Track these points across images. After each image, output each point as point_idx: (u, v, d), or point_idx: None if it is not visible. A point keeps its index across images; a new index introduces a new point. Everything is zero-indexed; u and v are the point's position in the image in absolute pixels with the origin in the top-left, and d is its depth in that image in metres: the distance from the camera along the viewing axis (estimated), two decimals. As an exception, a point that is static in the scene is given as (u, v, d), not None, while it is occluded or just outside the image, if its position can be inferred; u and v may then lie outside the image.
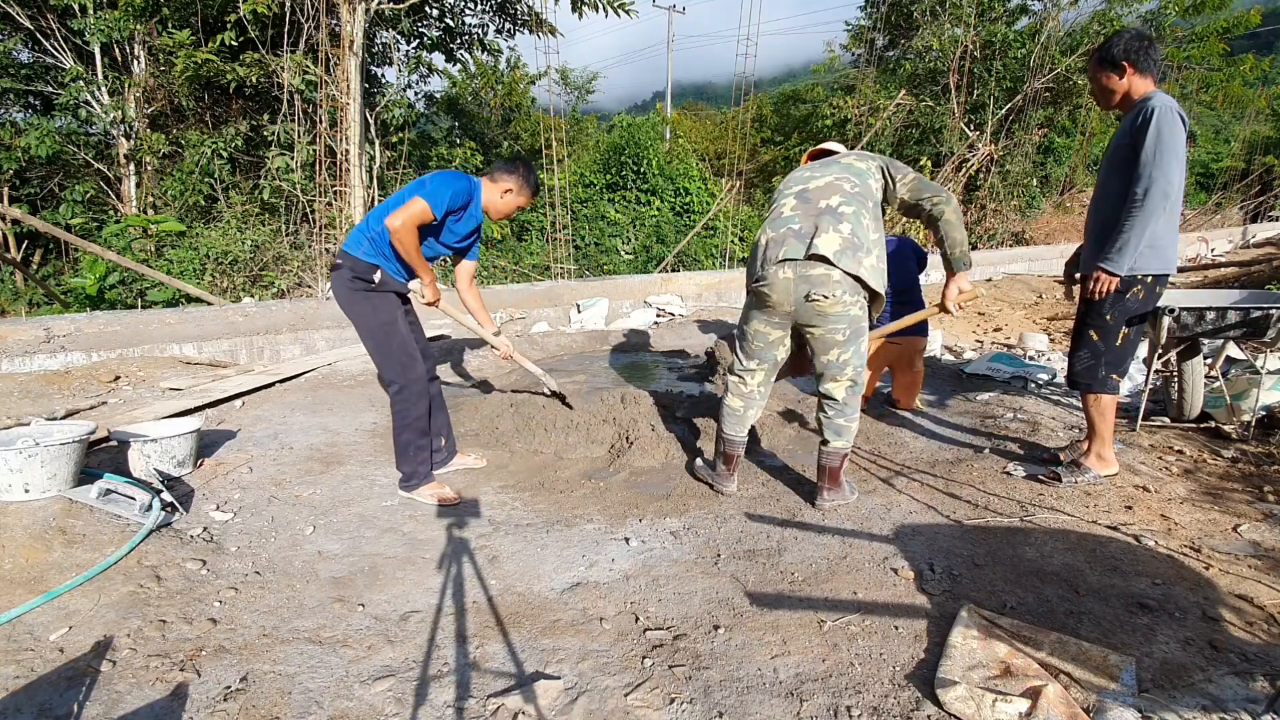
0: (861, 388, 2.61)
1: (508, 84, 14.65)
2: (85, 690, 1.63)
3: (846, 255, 2.35)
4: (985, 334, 6.48)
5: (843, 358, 2.51)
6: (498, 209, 2.83)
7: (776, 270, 2.44)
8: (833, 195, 2.47)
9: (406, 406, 2.77)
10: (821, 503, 2.69)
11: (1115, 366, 2.77)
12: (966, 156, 13.08)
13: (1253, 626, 1.85)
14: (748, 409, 2.76)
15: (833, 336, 2.47)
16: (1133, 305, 2.68)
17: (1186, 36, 14.82)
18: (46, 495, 2.38)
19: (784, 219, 2.50)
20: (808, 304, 2.42)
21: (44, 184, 10.28)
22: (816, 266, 2.37)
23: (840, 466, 2.66)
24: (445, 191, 2.62)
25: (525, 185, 2.80)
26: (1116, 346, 2.74)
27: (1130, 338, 2.76)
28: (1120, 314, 2.69)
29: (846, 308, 2.42)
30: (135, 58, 9.55)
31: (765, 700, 1.61)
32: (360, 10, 8.15)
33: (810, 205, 2.48)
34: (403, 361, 2.75)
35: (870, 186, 2.53)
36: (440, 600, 2.08)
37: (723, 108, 24.75)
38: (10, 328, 4.34)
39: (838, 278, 2.36)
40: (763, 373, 2.72)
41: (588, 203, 12.02)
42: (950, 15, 13.71)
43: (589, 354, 5.38)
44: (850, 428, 2.61)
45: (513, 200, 2.82)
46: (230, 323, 4.98)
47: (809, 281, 2.39)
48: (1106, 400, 2.78)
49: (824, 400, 2.62)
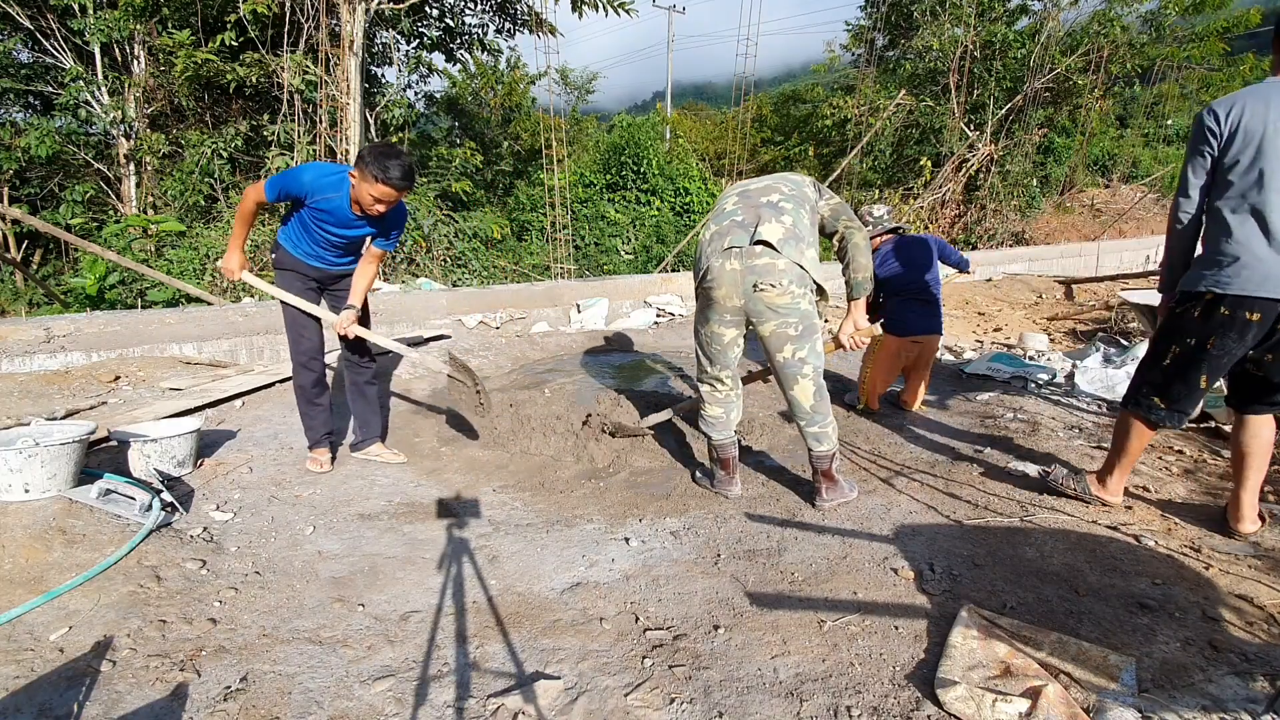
0: (825, 389, 2.60)
1: (508, 84, 14.65)
2: (85, 690, 1.63)
3: (789, 244, 2.41)
4: (985, 334, 6.48)
5: (798, 355, 2.51)
6: (359, 198, 2.74)
7: (722, 262, 2.46)
8: (772, 194, 2.57)
9: (294, 376, 3.08)
10: (821, 503, 2.69)
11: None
12: (966, 156, 13.08)
13: (1253, 626, 1.85)
14: (728, 414, 2.79)
15: (785, 331, 2.47)
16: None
17: (1186, 36, 14.81)
18: (46, 495, 2.38)
19: (726, 213, 2.58)
20: (756, 294, 2.43)
21: (44, 184, 10.29)
22: (762, 255, 2.40)
23: (831, 466, 2.66)
24: (278, 179, 2.82)
25: (365, 171, 2.65)
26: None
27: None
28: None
29: (795, 299, 2.42)
30: (135, 58, 9.55)
31: (765, 700, 1.61)
32: (360, 10, 8.15)
33: (751, 200, 2.56)
34: (291, 336, 3.02)
35: (806, 194, 2.63)
36: (440, 600, 2.08)
37: (723, 108, 24.74)
38: (10, 328, 4.34)
39: (783, 266, 2.39)
40: (730, 375, 2.75)
41: (588, 203, 12.02)
42: (950, 15, 13.70)
43: (589, 354, 5.38)
44: (828, 432, 2.61)
45: (360, 188, 2.70)
46: (230, 323, 4.98)
47: (755, 271, 2.41)
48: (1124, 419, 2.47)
49: (794, 411, 2.62)
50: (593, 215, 11.87)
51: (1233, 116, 2.08)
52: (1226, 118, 2.09)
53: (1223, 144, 2.11)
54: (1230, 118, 2.08)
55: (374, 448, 3.29)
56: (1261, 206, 2.04)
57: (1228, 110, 2.09)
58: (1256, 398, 2.27)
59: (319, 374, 3.09)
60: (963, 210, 13.65)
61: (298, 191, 2.80)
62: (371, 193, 2.68)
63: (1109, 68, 13.85)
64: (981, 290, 8.08)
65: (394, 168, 2.63)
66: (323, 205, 2.82)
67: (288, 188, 2.81)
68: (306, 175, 2.79)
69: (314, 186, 2.78)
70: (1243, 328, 2.11)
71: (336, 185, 2.79)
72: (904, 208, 12.83)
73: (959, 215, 13.62)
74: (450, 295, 6.16)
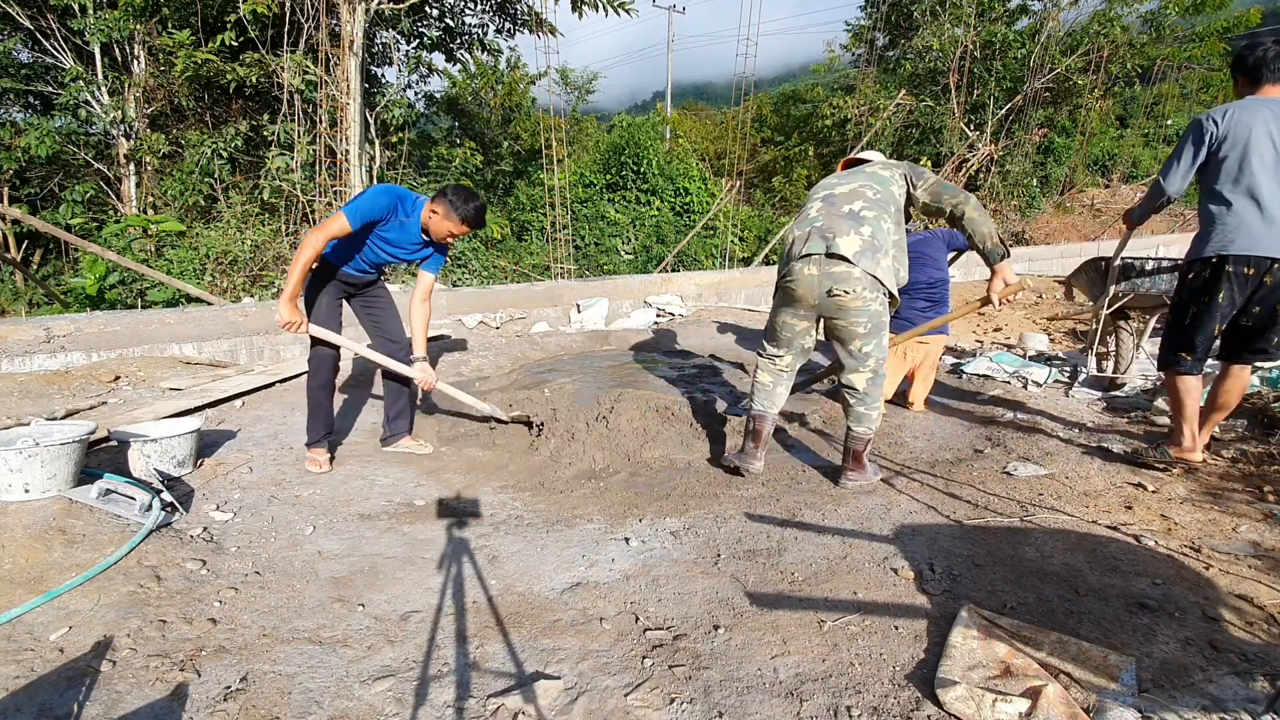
0: (883, 378, 2.79)
1: (508, 84, 14.64)
2: (85, 690, 1.63)
3: (865, 256, 2.58)
4: (985, 334, 6.48)
5: (864, 349, 2.71)
6: (433, 230, 3.01)
7: (802, 266, 2.67)
8: (855, 200, 2.70)
9: (310, 374, 3.13)
10: (845, 483, 2.84)
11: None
12: (966, 156, 13.08)
13: (1253, 626, 1.85)
14: (777, 385, 2.96)
15: (855, 329, 2.68)
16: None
17: (1186, 36, 14.81)
18: (46, 495, 2.38)
19: (809, 219, 2.74)
20: (830, 299, 2.64)
21: (44, 184, 10.29)
22: (839, 264, 2.60)
23: (865, 450, 2.84)
24: (362, 205, 2.87)
25: (452, 212, 2.94)
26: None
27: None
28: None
29: (866, 303, 2.63)
30: (135, 58, 9.55)
31: (765, 700, 1.61)
32: (360, 10, 8.15)
33: (835, 208, 2.70)
34: (318, 349, 3.10)
35: (892, 193, 2.75)
36: (440, 600, 2.08)
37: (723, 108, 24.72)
38: (10, 328, 4.34)
39: (858, 275, 2.59)
40: (791, 356, 2.92)
41: (588, 203, 12.02)
42: (950, 15, 13.70)
43: (589, 354, 5.38)
44: (872, 415, 2.79)
45: (441, 223, 2.97)
46: (230, 323, 4.98)
47: (831, 278, 2.61)
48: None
49: (846, 390, 2.82)
50: (593, 215, 11.87)
51: (1225, 123, 2.66)
52: (1222, 122, 2.67)
53: (1218, 143, 2.69)
54: (1224, 123, 2.66)
55: (404, 441, 3.39)
56: (1253, 188, 2.63)
57: (1223, 116, 2.68)
58: (1244, 346, 2.81)
59: (334, 376, 3.22)
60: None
61: (384, 213, 2.91)
62: (453, 229, 2.98)
63: (1109, 68, 13.86)
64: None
65: (475, 211, 2.97)
66: (394, 229, 2.98)
67: (372, 214, 2.88)
68: (385, 199, 2.91)
69: (409, 209, 2.97)
70: (1242, 282, 2.67)
71: (411, 211, 3.00)
72: (904, 208, 12.80)
73: (959, 215, 13.59)
74: (450, 295, 6.16)
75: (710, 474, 3.07)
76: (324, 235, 2.79)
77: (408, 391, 3.35)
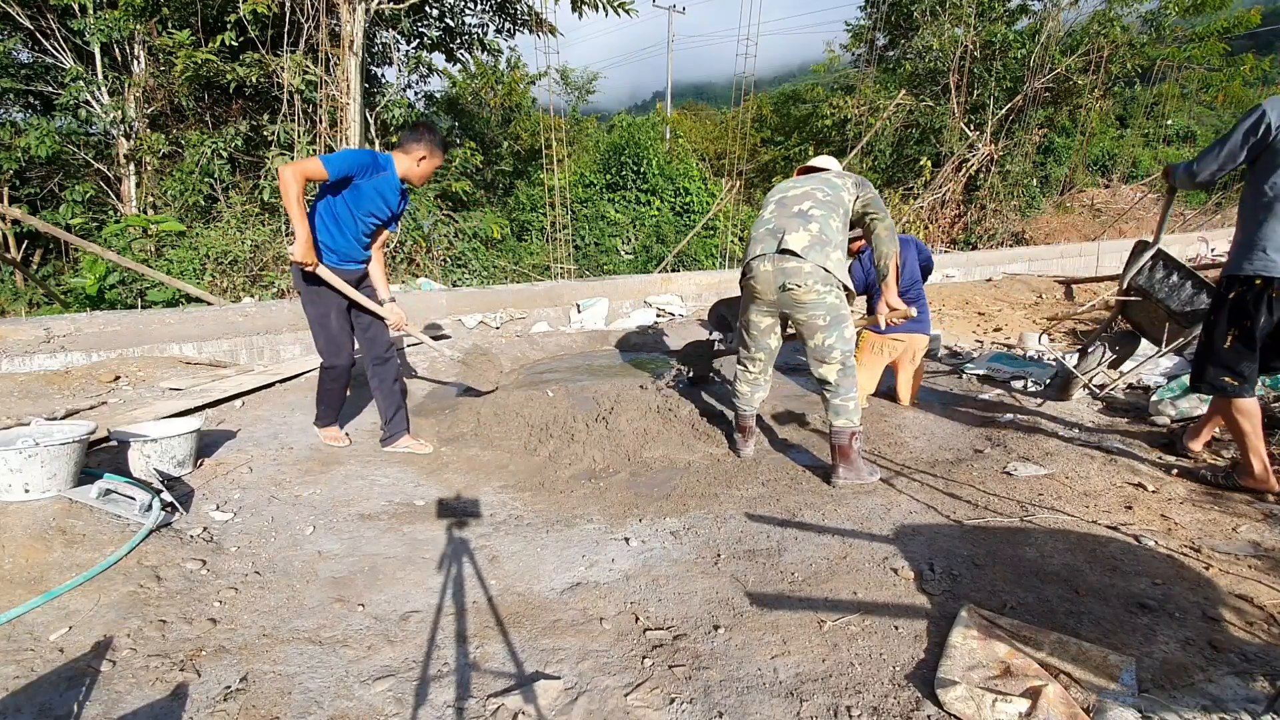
0: (853, 369, 2.89)
1: (508, 84, 14.64)
2: (85, 690, 1.63)
3: (815, 250, 2.73)
4: (985, 334, 6.48)
5: (828, 342, 2.83)
6: (419, 175, 3.07)
7: (758, 264, 2.85)
8: (805, 201, 2.87)
9: (324, 381, 3.26)
10: (837, 481, 2.86)
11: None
12: (966, 156, 13.09)
13: (1253, 626, 1.85)
14: (754, 392, 3.21)
15: (815, 322, 2.82)
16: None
17: (1186, 36, 14.81)
18: (46, 495, 2.37)
19: (764, 220, 2.94)
20: (785, 293, 2.80)
21: (44, 184, 10.29)
22: (790, 260, 2.75)
23: (850, 444, 2.87)
24: (341, 156, 2.88)
25: (435, 147, 3.04)
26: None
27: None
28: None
29: (820, 295, 2.76)
30: (135, 58, 9.55)
31: (765, 700, 1.61)
32: (360, 10, 8.15)
33: (786, 209, 2.89)
34: (330, 350, 3.18)
35: (842, 198, 2.91)
36: (440, 600, 2.08)
37: (723, 108, 24.74)
38: (10, 328, 4.34)
39: (808, 269, 2.73)
40: (762, 360, 3.12)
41: (588, 203, 12.02)
42: (950, 15, 13.70)
43: (589, 354, 5.39)
44: (849, 406, 2.87)
45: (429, 164, 3.06)
46: (230, 323, 4.97)
47: (784, 273, 2.77)
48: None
49: (821, 385, 2.95)
50: (593, 215, 11.87)
51: None
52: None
53: (1277, 135, 2.41)
54: None
55: (403, 440, 3.38)
56: None
57: None
58: (1268, 361, 2.64)
59: (377, 383, 3.33)
60: (963, 210, 13.66)
61: (360, 165, 2.90)
62: (436, 164, 3.06)
63: (1109, 68, 13.85)
64: (981, 290, 8.08)
65: (444, 136, 2.97)
66: (379, 181, 2.98)
67: (350, 163, 2.87)
68: (361, 154, 2.92)
69: (377, 163, 2.96)
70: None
71: (385, 164, 3.01)
72: (904, 208, 12.83)
73: (959, 215, 13.63)
74: (450, 295, 6.16)
75: (710, 474, 3.07)
76: (299, 170, 2.75)
77: (397, 388, 3.35)
